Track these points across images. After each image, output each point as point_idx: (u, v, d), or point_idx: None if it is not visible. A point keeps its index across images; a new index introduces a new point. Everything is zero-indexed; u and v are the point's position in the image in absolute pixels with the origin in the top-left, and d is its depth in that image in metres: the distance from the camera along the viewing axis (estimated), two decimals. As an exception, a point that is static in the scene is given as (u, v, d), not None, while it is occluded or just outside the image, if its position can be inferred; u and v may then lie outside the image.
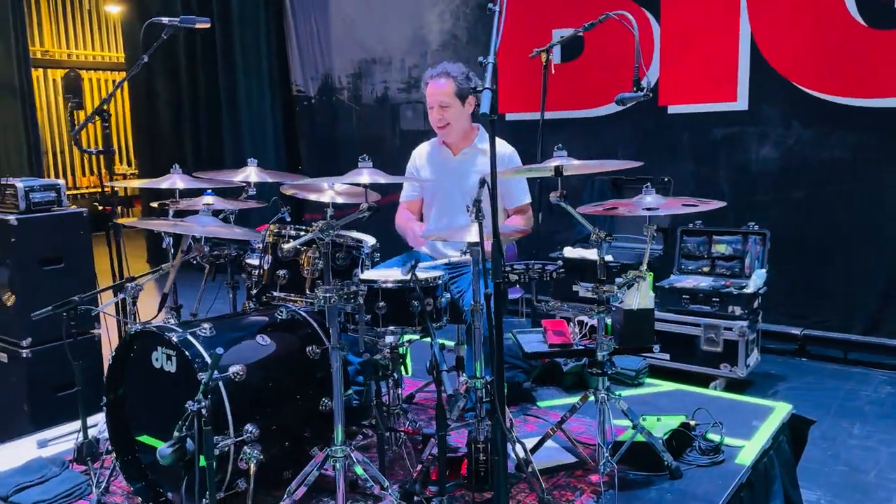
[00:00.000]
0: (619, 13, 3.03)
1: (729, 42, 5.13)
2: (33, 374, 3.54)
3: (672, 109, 5.45)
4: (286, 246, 2.33)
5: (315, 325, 2.64)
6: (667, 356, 4.54)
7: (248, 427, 2.33)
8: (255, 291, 2.59)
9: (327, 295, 2.17)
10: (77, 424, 2.78)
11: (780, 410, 3.21)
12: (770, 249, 4.57)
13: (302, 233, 2.42)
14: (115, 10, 9.89)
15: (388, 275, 2.60)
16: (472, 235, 2.49)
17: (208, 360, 2.31)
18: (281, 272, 2.48)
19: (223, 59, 7.27)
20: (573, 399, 3.22)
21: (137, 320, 2.89)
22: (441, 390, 2.23)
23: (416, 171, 3.51)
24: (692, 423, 2.94)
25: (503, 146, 3.39)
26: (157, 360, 2.43)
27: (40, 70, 9.48)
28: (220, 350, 2.03)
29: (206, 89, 7.43)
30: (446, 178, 3.33)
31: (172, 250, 2.95)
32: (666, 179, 4.96)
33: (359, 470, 2.29)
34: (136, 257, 6.55)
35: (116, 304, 2.91)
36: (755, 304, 4.39)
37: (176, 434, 2.20)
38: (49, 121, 9.54)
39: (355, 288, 2.25)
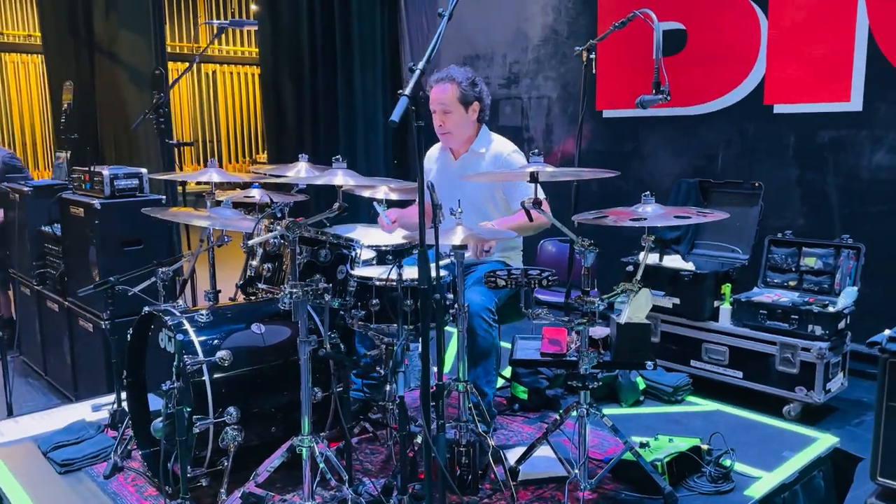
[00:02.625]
0: (643, 11, 2.86)
1: (843, 37, 4.68)
2: (110, 343, 3.90)
3: (778, 109, 5.06)
4: (250, 241, 2.45)
5: (316, 317, 2.74)
6: (739, 374, 4.26)
7: (230, 409, 2.48)
8: (240, 283, 2.73)
9: (293, 290, 2.25)
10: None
11: (821, 443, 2.94)
12: (868, 265, 4.15)
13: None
14: (255, 9, 10.56)
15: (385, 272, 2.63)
16: (456, 238, 2.49)
17: (198, 346, 2.49)
18: (266, 265, 2.60)
19: (342, 54, 7.56)
20: (603, 410, 3.14)
21: (181, 300, 3.13)
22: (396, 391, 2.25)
23: (427, 173, 3.51)
24: (705, 447, 2.77)
25: (503, 145, 3.31)
26: (162, 340, 2.64)
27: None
28: (180, 337, 2.18)
29: (324, 83, 7.76)
30: (446, 182, 3.30)
31: (212, 238, 3.16)
32: (756, 185, 4.64)
33: (320, 462, 2.35)
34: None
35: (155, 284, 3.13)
36: (840, 325, 4.00)
37: (164, 411, 2.39)
38: (199, 112, 10.42)
39: (324, 285, 2.31)
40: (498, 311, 3.11)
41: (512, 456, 2.75)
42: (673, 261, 4.59)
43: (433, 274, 2.59)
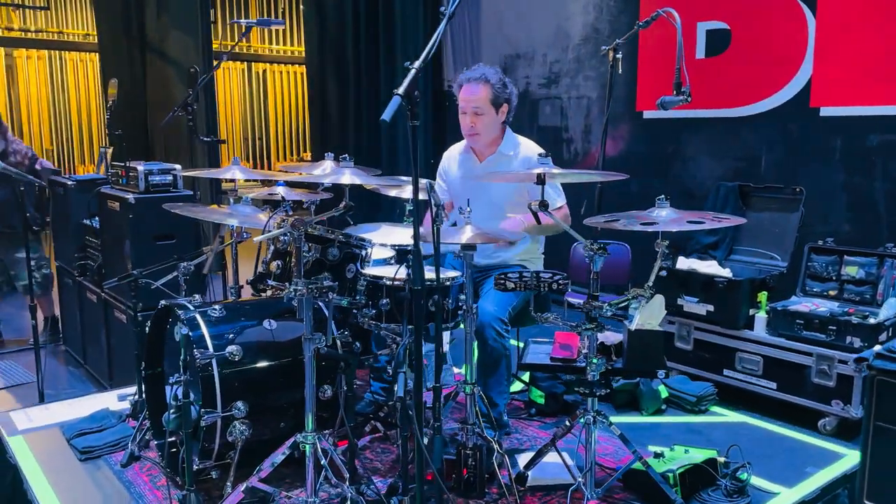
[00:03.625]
0: (666, 10, 2.79)
1: (895, 37, 4.50)
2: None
3: (825, 112, 4.88)
4: (256, 238, 2.46)
5: (326, 314, 2.75)
6: (773, 385, 4.12)
7: (238, 404, 2.50)
8: (250, 279, 2.76)
9: (297, 288, 2.26)
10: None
11: (849, 460, 2.83)
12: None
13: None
14: (303, 9, 10.68)
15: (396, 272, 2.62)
16: (463, 238, 2.47)
17: (208, 340, 2.53)
18: (276, 262, 2.62)
19: (385, 54, 7.61)
20: (622, 418, 3.10)
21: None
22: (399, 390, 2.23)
23: (446, 173, 3.49)
24: (721, 459, 2.69)
25: (532, 148, 3.26)
26: (177, 333, 2.67)
27: (244, 63, 10.62)
28: (184, 330, 2.21)
29: (367, 83, 7.82)
30: (470, 184, 3.27)
31: (234, 234, 3.21)
32: (797, 189, 4.48)
33: (323, 459, 2.36)
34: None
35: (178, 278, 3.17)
36: (881, 337, 3.83)
37: (173, 403, 2.43)
38: (249, 110, 10.65)
39: (329, 283, 2.31)
40: (518, 314, 3.08)
41: (524, 461, 2.72)
42: (709, 267, 4.47)
43: (433, 276, 2.58)
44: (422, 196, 2.36)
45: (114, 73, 7.68)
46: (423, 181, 2.12)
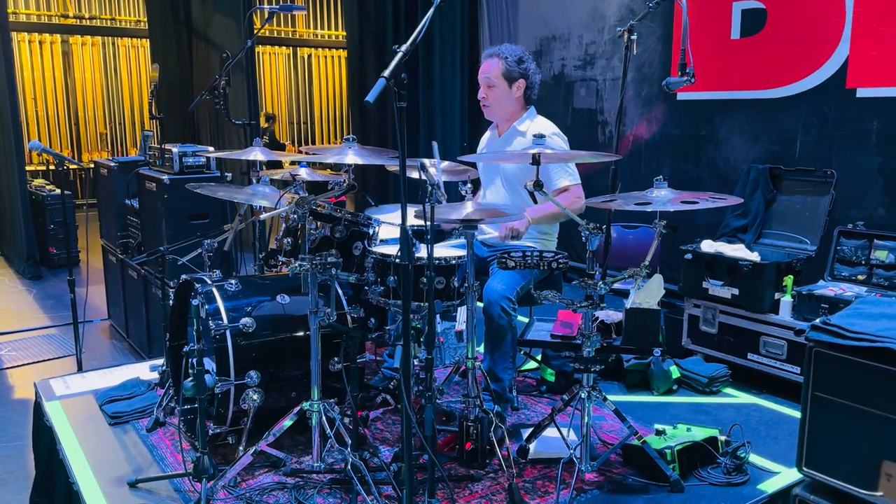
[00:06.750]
0: (673, -9, 2.78)
1: (936, 14, 4.37)
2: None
3: (862, 93, 4.76)
4: (263, 216, 2.57)
5: (340, 291, 2.86)
6: (797, 370, 4.08)
7: (251, 373, 2.63)
8: (262, 255, 2.87)
9: (301, 264, 2.37)
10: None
11: (855, 443, 2.80)
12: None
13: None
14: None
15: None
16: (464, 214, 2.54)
17: (223, 312, 2.66)
18: (287, 239, 2.73)
19: (424, 39, 7.66)
20: (632, 397, 3.15)
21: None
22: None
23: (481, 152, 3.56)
24: (722, 438, 2.71)
25: (545, 126, 3.28)
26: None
27: (289, 48, 10.82)
28: (195, 301, 2.34)
29: (406, 68, 7.89)
30: (488, 162, 3.33)
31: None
32: (828, 172, 4.41)
33: (326, 426, 2.47)
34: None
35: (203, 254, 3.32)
36: (907, 322, 3.77)
37: (191, 371, 2.57)
38: (294, 94, 10.86)
39: (333, 259, 2.41)
40: (528, 294, 3.13)
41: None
42: (736, 250, 4.44)
43: (441, 255, 2.66)
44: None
45: (162, 58, 7.93)
46: (415, 161, 2.19)
